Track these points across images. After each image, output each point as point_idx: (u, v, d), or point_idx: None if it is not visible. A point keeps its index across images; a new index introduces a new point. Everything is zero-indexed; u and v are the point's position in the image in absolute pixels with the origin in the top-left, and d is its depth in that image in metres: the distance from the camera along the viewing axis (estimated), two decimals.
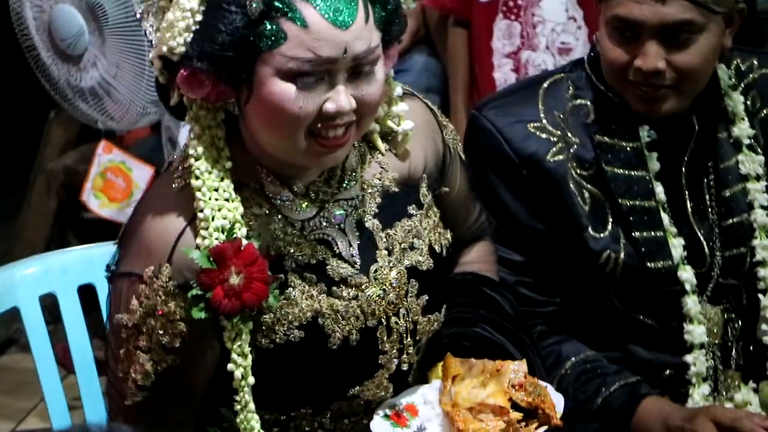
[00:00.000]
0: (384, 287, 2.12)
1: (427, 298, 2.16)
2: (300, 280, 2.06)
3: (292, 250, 2.06)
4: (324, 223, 2.10)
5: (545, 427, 2.04)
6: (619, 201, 2.40)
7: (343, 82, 1.95)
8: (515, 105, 2.45)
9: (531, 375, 2.11)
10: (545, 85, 2.47)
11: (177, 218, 2.02)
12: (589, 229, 2.40)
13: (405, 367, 2.17)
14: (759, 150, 2.47)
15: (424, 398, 2.14)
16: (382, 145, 2.16)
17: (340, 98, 1.95)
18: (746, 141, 2.47)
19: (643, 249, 2.40)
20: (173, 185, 2.05)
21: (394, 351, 2.13)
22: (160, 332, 2.01)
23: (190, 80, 1.95)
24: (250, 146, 2.05)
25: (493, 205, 2.41)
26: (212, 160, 2.00)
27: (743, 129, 2.46)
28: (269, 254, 2.02)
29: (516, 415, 2.03)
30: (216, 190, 1.99)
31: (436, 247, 2.19)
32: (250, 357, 2.01)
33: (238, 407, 2.03)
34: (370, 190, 2.15)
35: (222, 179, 2.00)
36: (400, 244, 2.14)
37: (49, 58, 2.27)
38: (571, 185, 2.41)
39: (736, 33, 2.42)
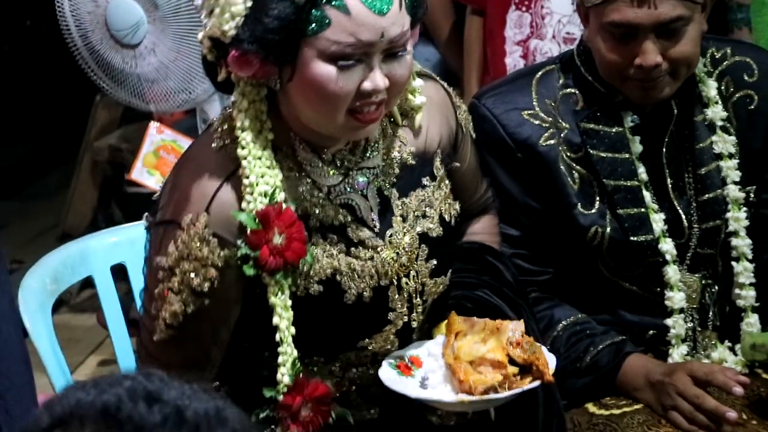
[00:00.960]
0: (397, 251, 2.14)
1: (435, 262, 2.18)
2: (322, 240, 2.08)
3: (317, 211, 2.08)
4: (348, 189, 2.12)
5: (538, 382, 2.03)
6: (604, 182, 2.42)
7: (378, 63, 1.98)
8: (511, 94, 2.46)
9: (527, 335, 2.09)
10: (538, 75, 2.49)
11: (216, 173, 2.04)
12: (579, 206, 2.43)
13: (414, 324, 2.18)
14: (732, 131, 2.47)
15: (429, 351, 2.14)
16: (400, 117, 2.18)
17: (377, 78, 1.98)
18: (719, 123, 2.47)
19: (626, 224, 2.42)
20: (212, 144, 2.07)
21: (404, 309, 2.16)
22: (192, 275, 2.02)
23: (240, 60, 1.97)
24: (288, 118, 2.07)
25: (491, 184, 2.44)
26: (256, 132, 2.03)
27: (717, 112, 2.47)
28: (297, 214, 2.04)
29: (512, 370, 2.02)
30: (259, 158, 2.02)
31: (446, 216, 2.21)
32: (291, 311, 2.04)
33: (283, 357, 2.04)
34: (390, 162, 2.17)
35: (264, 149, 2.03)
36: (414, 212, 2.17)
37: (103, 47, 2.30)
38: (562, 167, 2.42)
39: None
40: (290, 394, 2.05)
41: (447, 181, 2.25)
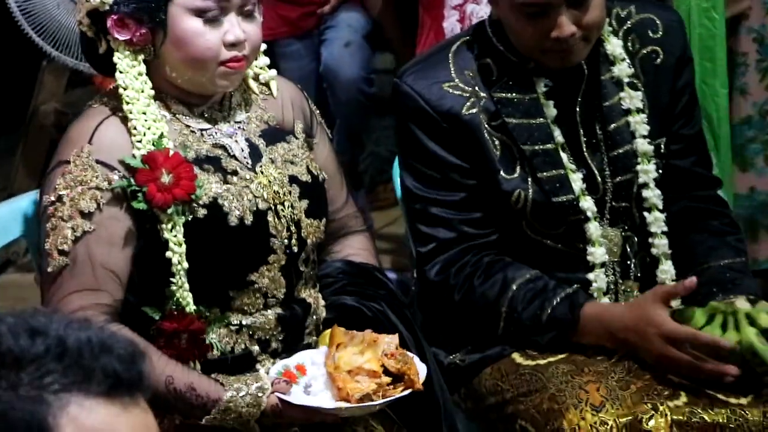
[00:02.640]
0: (269, 179, 2.25)
1: (307, 202, 2.29)
2: (201, 170, 2.19)
3: (194, 146, 2.22)
4: (218, 134, 2.26)
5: (409, 390, 2.12)
6: (523, 147, 2.44)
7: (236, 19, 2.18)
8: (429, 69, 2.49)
9: (402, 347, 2.19)
10: (453, 48, 2.50)
11: (94, 116, 2.19)
12: (501, 172, 2.44)
13: (301, 268, 2.28)
14: (639, 86, 2.50)
15: (312, 360, 2.21)
16: (255, 87, 2.36)
17: (235, 29, 2.18)
18: (626, 80, 2.49)
19: (547, 187, 2.44)
20: (91, 104, 2.24)
21: (284, 235, 2.25)
22: (79, 199, 2.11)
23: (118, 24, 2.16)
24: (163, 86, 2.23)
25: (425, 156, 2.47)
26: (138, 90, 2.17)
27: (623, 69, 2.49)
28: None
29: (386, 379, 2.12)
30: (144, 113, 2.16)
31: (313, 170, 2.33)
32: (184, 246, 2.13)
33: (175, 288, 2.14)
34: (252, 119, 2.32)
35: (148, 105, 2.17)
36: (282, 156, 2.30)
37: (60, 12, 2.35)
38: (485, 134, 2.44)
39: None
40: (168, 320, 2.14)
41: (309, 153, 2.36)
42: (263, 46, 2.33)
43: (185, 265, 2.13)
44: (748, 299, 2.37)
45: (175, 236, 2.13)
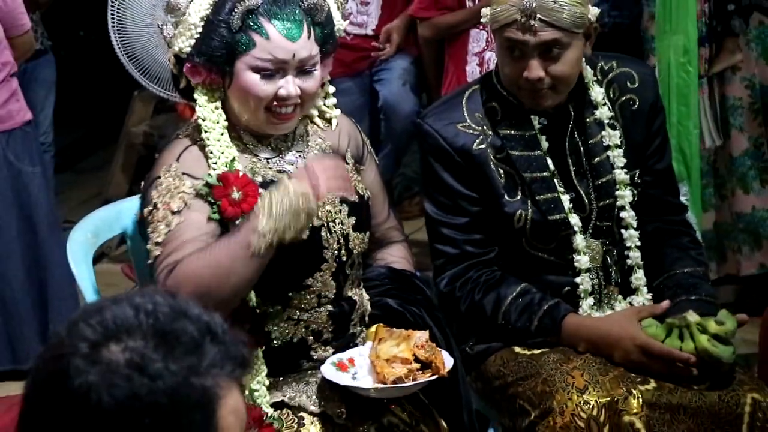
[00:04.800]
0: (323, 200, 2.20)
1: (355, 219, 2.27)
2: (265, 192, 2.15)
3: (261, 171, 2.21)
4: (281, 161, 2.24)
5: (435, 376, 2.14)
6: (524, 175, 2.44)
7: (292, 76, 2.16)
8: (446, 112, 2.49)
9: (432, 341, 2.18)
10: (466, 95, 2.51)
11: (181, 143, 2.20)
12: (505, 196, 2.44)
13: (348, 271, 2.26)
14: (617, 126, 2.49)
15: (360, 353, 2.23)
16: (320, 122, 2.33)
17: (289, 86, 2.15)
18: (606, 121, 2.49)
19: (543, 207, 2.44)
20: (179, 133, 2.24)
21: (335, 247, 2.23)
22: (170, 202, 2.11)
23: (192, 70, 2.17)
24: (233, 116, 2.21)
25: (440, 185, 2.47)
26: (214, 121, 2.17)
27: (604, 112, 2.49)
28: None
29: (416, 365, 2.14)
30: (219, 140, 2.16)
31: (359, 191, 2.31)
32: None
33: None
34: (314, 149, 2.29)
35: (222, 134, 2.17)
36: None
37: (158, 51, 2.37)
38: (491, 165, 2.44)
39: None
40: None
41: (358, 175, 2.34)
42: (332, 88, 2.33)
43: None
44: (703, 302, 2.41)
45: None
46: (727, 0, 3.66)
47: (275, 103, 2.16)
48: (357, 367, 2.20)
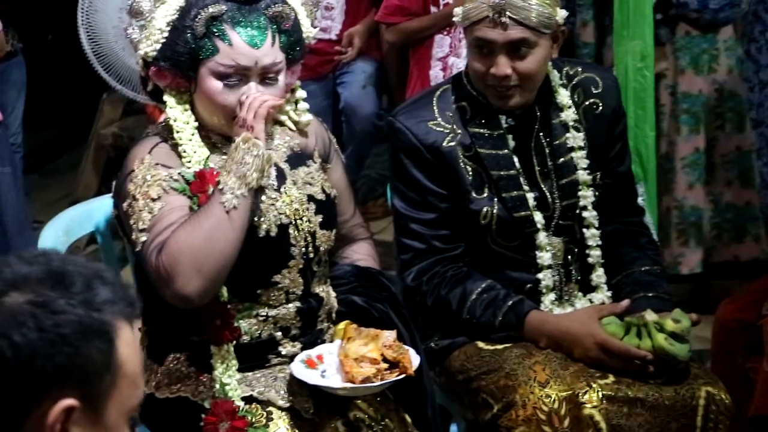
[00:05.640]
0: (291, 199, 2.22)
1: (322, 216, 2.26)
2: None
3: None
4: None
5: (403, 375, 2.14)
6: (491, 172, 2.46)
7: (255, 84, 2.14)
8: (417, 110, 2.50)
9: (399, 341, 2.19)
10: (437, 93, 2.52)
11: (153, 139, 2.18)
12: (472, 193, 2.45)
13: (315, 268, 2.25)
14: (581, 129, 2.51)
15: (329, 351, 2.23)
16: (290, 126, 2.31)
17: (252, 93, 2.13)
18: (571, 123, 2.51)
19: (509, 204, 2.45)
20: (148, 132, 2.23)
21: (302, 244, 2.22)
22: (147, 189, 2.09)
23: (158, 74, 2.15)
24: (201, 119, 2.20)
25: (409, 181, 2.48)
26: (185, 122, 2.16)
27: (569, 115, 2.51)
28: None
29: (384, 365, 2.15)
30: (191, 139, 2.15)
31: (326, 189, 2.30)
32: None
33: None
34: (282, 147, 2.28)
35: (193, 134, 2.16)
36: (302, 179, 2.27)
37: (125, 54, 2.36)
38: (460, 163, 2.45)
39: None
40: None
41: (325, 174, 2.33)
42: (303, 93, 2.31)
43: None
44: (660, 299, 2.44)
45: None
46: (655, 9, 3.72)
47: (239, 110, 2.13)
48: (326, 365, 2.20)
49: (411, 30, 4.02)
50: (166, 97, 2.17)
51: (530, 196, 2.47)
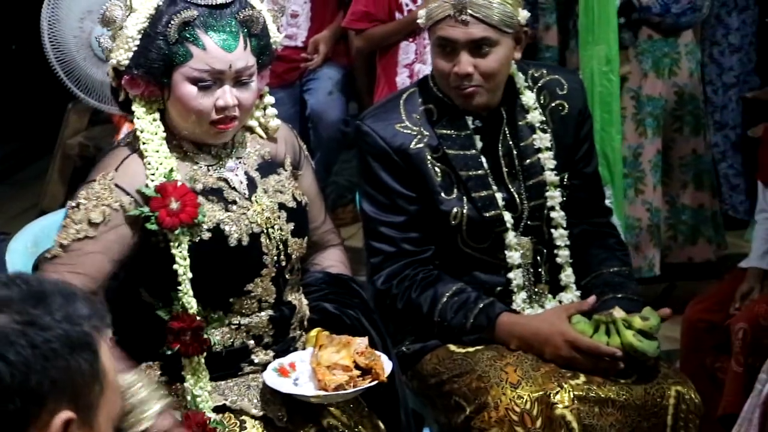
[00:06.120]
0: (262, 207, 2.20)
1: (293, 225, 2.24)
2: (206, 200, 2.16)
3: (201, 179, 2.17)
4: (221, 169, 2.21)
5: (375, 382, 2.13)
6: (460, 173, 2.46)
7: (229, 87, 2.12)
8: (385, 113, 2.51)
9: (371, 347, 2.19)
10: (404, 97, 2.53)
11: (123, 152, 2.16)
12: (442, 194, 2.46)
13: (287, 276, 2.24)
14: (547, 130, 2.52)
15: (301, 359, 2.21)
16: (261, 132, 2.29)
17: (227, 96, 2.11)
18: (538, 125, 2.52)
19: (479, 204, 2.46)
20: (121, 142, 2.21)
21: (274, 252, 2.20)
22: (91, 209, 2.09)
23: (131, 82, 2.12)
24: (172, 127, 2.17)
25: (377, 184, 2.48)
26: (152, 133, 2.13)
27: (535, 116, 2.52)
28: (187, 185, 2.14)
29: (356, 372, 2.13)
30: (157, 151, 2.13)
31: (297, 197, 2.28)
32: (188, 260, 2.10)
33: (181, 294, 2.10)
34: (251, 155, 2.26)
35: (161, 144, 2.14)
36: (273, 187, 2.25)
37: (87, 64, 2.34)
38: (428, 164, 2.45)
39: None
40: (175, 320, 2.12)
41: (296, 182, 2.31)
42: (271, 99, 2.30)
43: (189, 275, 2.10)
44: (629, 299, 2.45)
45: (181, 252, 2.10)
46: (618, 13, 3.76)
47: (217, 115, 2.12)
48: (298, 372, 2.18)
49: (378, 36, 4.02)
50: (134, 107, 2.14)
51: (499, 197, 2.47)
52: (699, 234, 4.02)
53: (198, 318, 2.13)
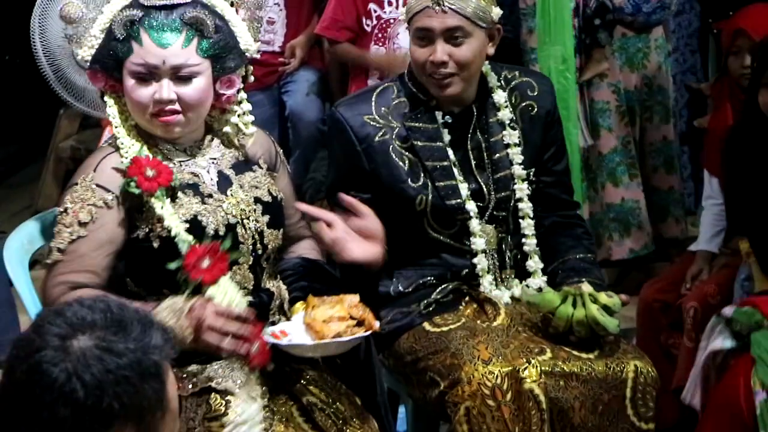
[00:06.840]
0: (237, 200, 2.22)
1: (269, 217, 2.26)
2: (183, 194, 2.18)
3: (177, 174, 2.18)
4: (193, 165, 2.23)
5: (370, 331, 2.16)
6: (426, 163, 2.50)
7: (167, 82, 2.15)
8: (357, 104, 2.55)
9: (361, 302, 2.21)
10: (377, 90, 2.57)
11: (103, 151, 2.21)
12: (408, 181, 2.49)
13: (264, 265, 2.26)
14: (516, 128, 2.56)
15: (290, 326, 2.21)
16: (235, 140, 2.30)
17: (163, 90, 2.15)
18: (507, 122, 2.56)
19: (442, 193, 2.49)
20: (102, 143, 2.29)
21: (250, 242, 2.23)
22: (79, 211, 2.13)
23: (92, 76, 2.21)
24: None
25: (343, 167, 2.53)
26: (123, 120, 2.20)
27: (505, 114, 2.56)
28: None
29: (352, 322, 2.15)
30: (128, 134, 2.18)
31: (273, 192, 2.30)
32: (176, 215, 2.13)
33: (182, 243, 2.12)
34: (227, 156, 2.28)
35: (131, 129, 2.20)
36: (249, 183, 2.27)
37: (70, 71, 2.38)
38: (393, 154, 2.49)
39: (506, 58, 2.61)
40: (190, 252, 2.12)
41: (272, 180, 2.32)
42: (248, 106, 2.31)
43: (184, 226, 2.13)
44: (593, 284, 2.46)
45: (166, 210, 2.13)
46: (593, 15, 3.79)
47: (155, 108, 2.15)
48: (290, 336, 2.18)
49: (344, 55, 4.05)
50: (106, 98, 2.22)
51: (464, 187, 2.51)
52: (668, 213, 4.09)
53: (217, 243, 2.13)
